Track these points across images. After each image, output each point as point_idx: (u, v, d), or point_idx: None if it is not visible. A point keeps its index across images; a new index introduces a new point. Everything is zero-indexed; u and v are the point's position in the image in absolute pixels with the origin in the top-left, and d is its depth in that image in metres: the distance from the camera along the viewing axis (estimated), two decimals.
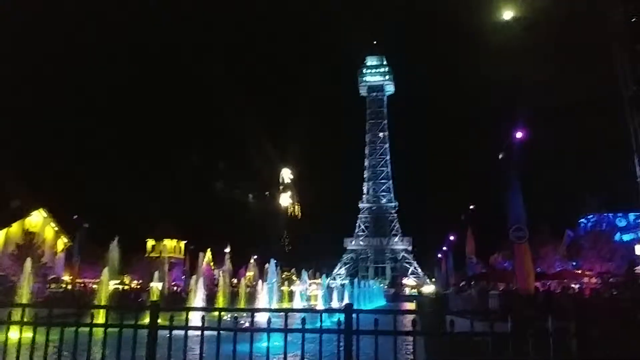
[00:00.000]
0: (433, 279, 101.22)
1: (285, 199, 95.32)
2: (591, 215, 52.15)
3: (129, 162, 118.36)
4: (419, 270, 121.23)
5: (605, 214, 49.87)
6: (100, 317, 5.21)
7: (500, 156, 22.15)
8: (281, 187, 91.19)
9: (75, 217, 50.56)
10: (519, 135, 21.93)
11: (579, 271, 38.27)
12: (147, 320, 4.89)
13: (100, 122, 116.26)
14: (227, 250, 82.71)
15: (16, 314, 5.33)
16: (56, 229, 52.31)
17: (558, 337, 4.42)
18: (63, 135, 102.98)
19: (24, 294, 22.84)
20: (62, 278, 48.50)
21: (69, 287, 44.27)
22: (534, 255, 25.84)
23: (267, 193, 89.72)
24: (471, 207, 47.13)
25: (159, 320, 4.86)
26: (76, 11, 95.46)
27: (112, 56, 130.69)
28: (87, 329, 4.96)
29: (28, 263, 24.10)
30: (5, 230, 45.75)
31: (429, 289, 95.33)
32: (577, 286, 33.19)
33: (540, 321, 4.82)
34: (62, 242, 53.21)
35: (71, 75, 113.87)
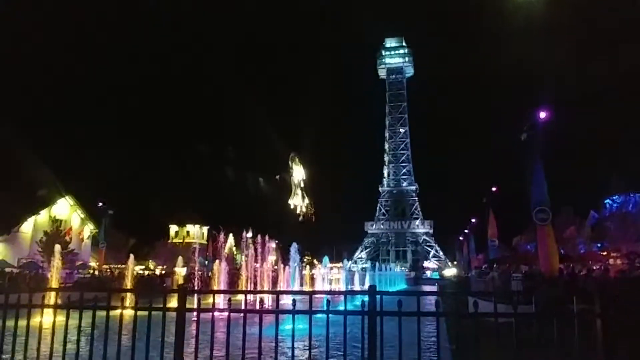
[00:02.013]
0: (454, 262, 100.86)
1: (298, 200, 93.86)
2: (617, 196, 51.05)
3: (152, 150, 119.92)
4: (440, 253, 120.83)
5: (631, 195, 48.70)
6: (128, 301, 5.36)
7: (522, 137, 21.76)
8: (291, 170, 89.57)
9: (100, 204, 51.58)
10: (542, 115, 21.52)
11: (604, 253, 37.67)
12: (174, 303, 5.03)
13: (124, 111, 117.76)
14: (249, 234, 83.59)
15: (49, 298, 5.53)
16: (82, 216, 53.48)
17: (582, 318, 4.40)
18: (86, 124, 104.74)
19: (54, 280, 23.50)
20: (89, 264, 49.75)
21: (96, 272, 45.42)
22: (557, 237, 25.50)
23: (277, 176, 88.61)
24: (493, 189, 46.51)
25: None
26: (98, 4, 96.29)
27: (131, 49, 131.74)
28: (117, 312, 5.11)
29: (57, 249, 24.71)
30: (33, 218, 46.94)
31: (450, 272, 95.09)
32: (602, 268, 32.70)
33: (564, 303, 4.80)
34: (88, 229, 54.43)
35: (93, 67, 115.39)
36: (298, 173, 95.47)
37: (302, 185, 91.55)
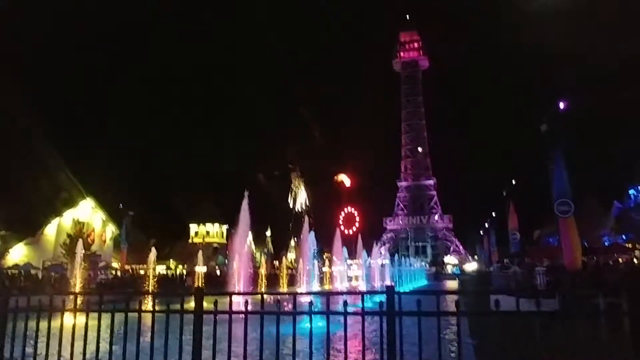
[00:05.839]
0: (475, 256, 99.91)
1: (298, 205, 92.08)
2: None
3: (170, 151, 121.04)
4: (461, 247, 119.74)
5: None
6: (148, 303, 5.38)
7: (542, 128, 21.38)
8: (291, 166, 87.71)
9: (121, 205, 52.32)
10: (562, 105, 21.13)
11: (629, 245, 36.92)
12: (192, 304, 5.03)
13: (143, 112, 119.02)
14: (268, 233, 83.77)
15: (71, 302, 5.58)
16: (104, 218, 54.29)
17: (610, 314, 4.26)
18: (106, 126, 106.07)
19: (77, 281, 23.88)
20: (112, 265, 50.55)
21: (119, 273, 46.09)
22: (580, 229, 25.04)
23: (276, 173, 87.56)
24: (513, 182, 45.94)
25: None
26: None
27: (155, 47, 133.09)
28: (136, 314, 5.14)
29: (79, 251, 25.09)
30: (57, 220, 47.81)
31: (471, 266, 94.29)
32: (626, 260, 32.02)
33: (590, 298, 4.66)
34: (110, 231, 55.25)
35: (112, 66, 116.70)
36: (301, 196, 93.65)
37: (306, 208, 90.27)
